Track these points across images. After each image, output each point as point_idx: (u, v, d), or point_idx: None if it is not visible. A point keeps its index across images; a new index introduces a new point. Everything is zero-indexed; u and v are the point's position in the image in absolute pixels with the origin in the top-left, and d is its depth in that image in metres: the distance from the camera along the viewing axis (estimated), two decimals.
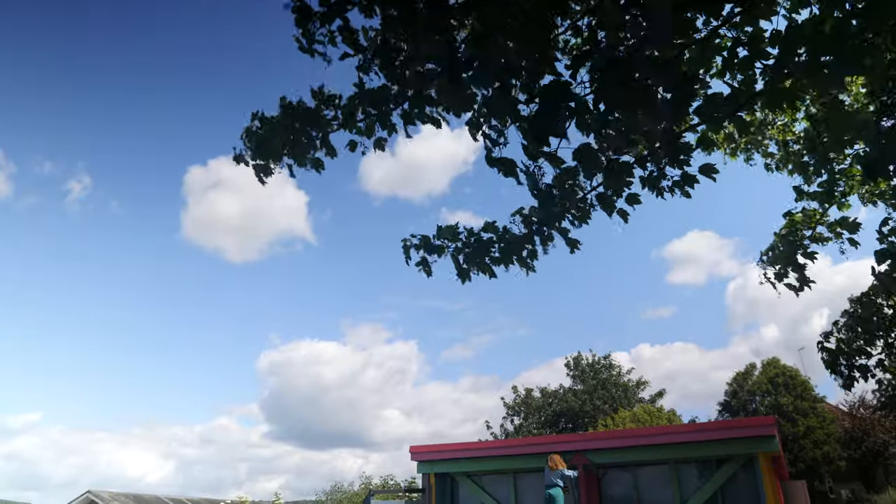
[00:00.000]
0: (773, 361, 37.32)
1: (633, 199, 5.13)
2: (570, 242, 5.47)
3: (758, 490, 11.25)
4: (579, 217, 5.28)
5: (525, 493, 13.21)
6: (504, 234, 5.45)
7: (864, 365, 10.33)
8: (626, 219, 5.27)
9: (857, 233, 8.32)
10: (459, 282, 5.45)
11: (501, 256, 5.45)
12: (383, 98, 4.27)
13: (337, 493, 17.72)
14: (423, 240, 5.46)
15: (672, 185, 5.13)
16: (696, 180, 5.04)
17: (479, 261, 5.45)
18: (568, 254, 5.49)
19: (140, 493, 26.58)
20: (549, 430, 36.47)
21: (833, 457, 34.07)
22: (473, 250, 5.43)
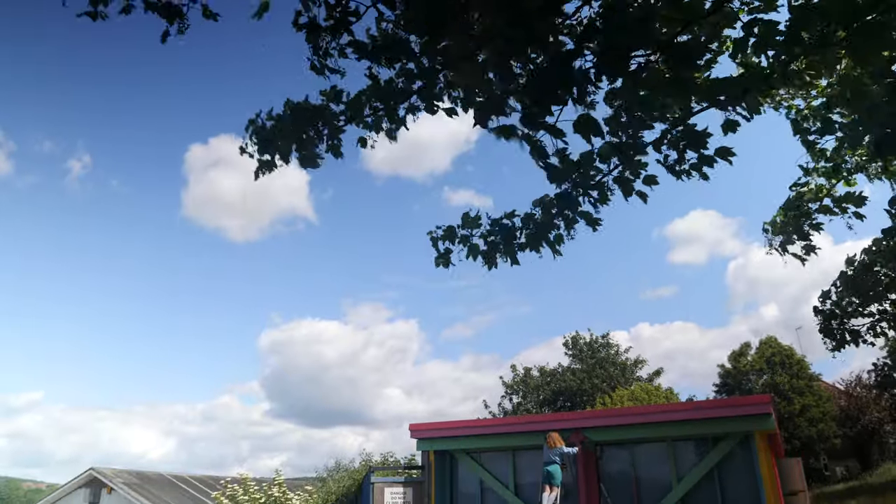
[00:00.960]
0: (769, 341, 37.56)
1: (650, 180, 5.19)
2: (592, 221, 5.52)
3: (753, 467, 11.40)
4: (599, 199, 5.33)
5: (524, 471, 13.37)
6: (528, 219, 5.50)
7: (856, 330, 10.45)
8: (645, 199, 5.32)
9: (862, 207, 8.35)
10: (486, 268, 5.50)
11: (528, 241, 5.50)
12: (391, 92, 4.27)
13: (338, 471, 17.93)
14: (447, 230, 5.49)
15: (690, 167, 5.16)
16: (714, 161, 5.07)
17: (507, 247, 5.50)
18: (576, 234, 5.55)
19: (143, 471, 26.88)
20: (547, 408, 36.79)
21: (828, 434, 34.46)
22: (502, 236, 5.48)
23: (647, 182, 5.18)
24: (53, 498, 25.44)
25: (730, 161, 4.98)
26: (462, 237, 5.50)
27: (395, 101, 4.36)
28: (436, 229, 5.48)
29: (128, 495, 22.89)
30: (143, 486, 23.98)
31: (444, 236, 5.49)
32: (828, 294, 10.87)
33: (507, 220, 5.55)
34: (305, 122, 4.37)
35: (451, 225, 5.49)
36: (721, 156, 5.00)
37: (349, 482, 15.36)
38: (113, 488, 23.60)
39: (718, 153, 4.99)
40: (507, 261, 5.55)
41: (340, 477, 16.78)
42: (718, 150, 4.97)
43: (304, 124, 4.37)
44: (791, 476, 13.24)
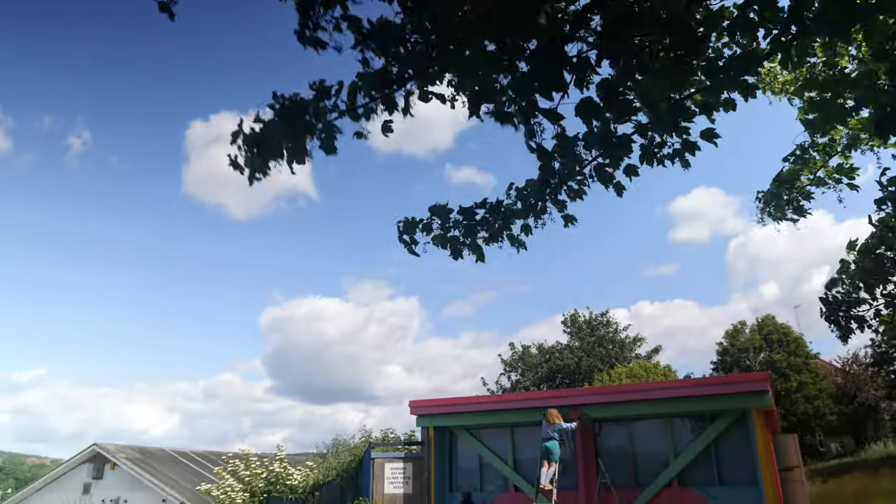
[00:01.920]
0: (766, 319, 37.74)
1: (631, 170, 5.13)
2: (566, 218, 5.51)
3: (750, 443, 11.52)
4: (576, 192, 5.29)
5: (522, 447, 13.51)
6: (497, 207, 5.46)
7: (861, 315, 10.49)
8: (620, 193, 5.28)
9: (854, 178, 8.36)
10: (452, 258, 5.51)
11: (491, 236, 5.49)
12: (386, 80, 4.17)
13: (338, 446, 18.11)
14: (408, 223, 5.48)
15: (672, 153, 5.09)
16: (696, 147, 5.00)
17: (470, 241, 5.49)
18: (569, 209, 5.53)
19: (145, 446, 27.14)
20: (545, 385, 37.04)
21: (824, 411, 34.79)
22: (464, 230, 5.46)
23: (628, 173, 5.14)
24: (57, 473, 25.72)
25: (715, 143, 4.90)
26: (425, 226, 5.47)
27: (390, 88, 4.26)
28: (403, 219, 5.50)
29: (131, 470, 23.15)
30: (145, 462, 24.24)
31: (405, 229, 5.48)
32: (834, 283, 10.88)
33: (477, 209, 5.51)
34: (296, 120, 4.24)
35: (413, 218, 5.51)
36: (706, 138, 4.90)
37: (349, 458, 15.52)
38: (116, 463, 23.85)
39: (703, 135, 4.88)
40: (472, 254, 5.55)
41: (341, 452, 16.95)
42: (703, 132, 4.84)
43: (294, 123, 4.24)
44: (787, 452, 13.38)
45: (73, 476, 25.21)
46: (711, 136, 4.87)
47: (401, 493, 13.94)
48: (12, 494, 28.98)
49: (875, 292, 10.56)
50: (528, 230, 5.53)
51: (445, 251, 5.46)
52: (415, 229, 5.44)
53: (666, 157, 5.08)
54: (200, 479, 22.03)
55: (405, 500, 13.88)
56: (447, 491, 13.91)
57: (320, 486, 15.21)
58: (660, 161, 5.08)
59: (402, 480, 14.04)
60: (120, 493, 23.58)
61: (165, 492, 21.64)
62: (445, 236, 5.45)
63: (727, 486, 11.63)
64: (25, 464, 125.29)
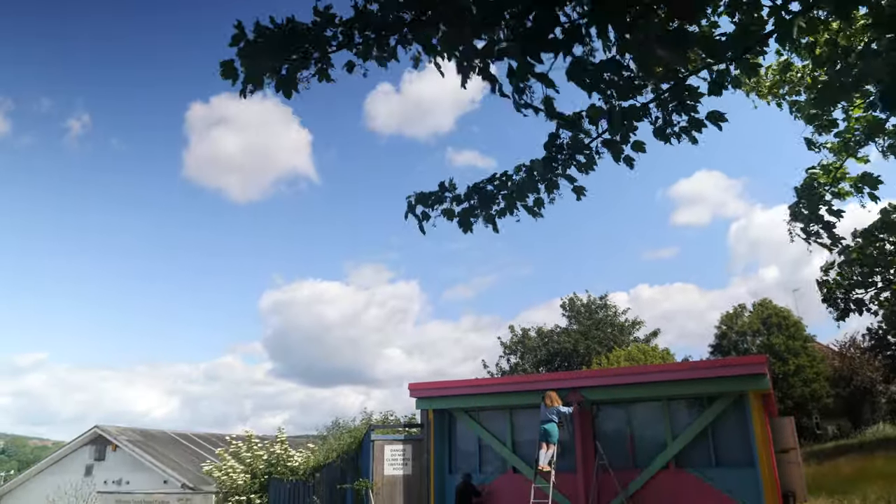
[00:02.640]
0: (764, 302, 37.85)
1: (638, 146, 5.12)
2: (576, 190, 5.48)
3: (747, 426, 11.61)
4: (585, 165, 5.27)
5: (521, 429, 13.60)
6: (507, 180, 5.45)
7: (860, 299, 10.52)
8: (631, 165, 5.26)
9: (877, 188, 8.32)
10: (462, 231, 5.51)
11: (507, 207, 5.48)
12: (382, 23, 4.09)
13: (339, 429, 18.24)
14: (420, 195, 5.47)
15: (679, 130, 5.08)
16: (703, 125, 4.99)
17: (485, 213, 5.48)
18: (570, 193, 5.53)
19: (147, 429, 27.33)
20: (544, 368, 37.24)
21: (821, 394, 35.02)
22: (479, 200, 5.45)
23: (636, 148, 5.11)
24: (59, 455, 25.93)
25: (719, 126, 4.91)
26: (437, 198, 5.47)
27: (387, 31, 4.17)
28: (414, 193, 5.49)
29: (132, 452, 23.34)
30: (147, 444, 24.42)
31: (418, 201, 5.46)
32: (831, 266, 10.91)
33: (488, 184, 5.51)
34: (295, 41, 4.12)
35: (425, 192, 5.50)
36: (712, 120, 4.91)
37: (350, 440, 15.63)
38: (118, 445, 24.04)
39: (710, 117, 4.90)
40: (488, 226, 5.55)
41: (341, 435, 17.08)
42: (710, 114, 4.87)
43: (293, 44, 4.12)
44: (783, 434, 13.49)
45: (75, 458, 25.42)
46: (718, 119, 4.87)
47: (400, 475, 14.07)
48: (15, 476, 29.23)
49: (876, 277, 10.58)
50: (541, 203, 5.54)
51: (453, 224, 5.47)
52: (428, 201, 5.43)
53: (673, 134, 5.07)
54: (201, 460, 22.21)
55: (405, 481, 14.01)
56: (447, 472, 14.03)
57: (321, 467, 15.34)
58: (667, 138, 5.07)
59: (402, 462, 14.16)
60: (122, 474, 23.79)
61: (167, 473, 21.83)
62: (454, 210, 5.43)
63: (724, 468, 11.74)
64: (28, 446, 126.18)
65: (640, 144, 5.09)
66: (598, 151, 5.19)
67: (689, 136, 5.09)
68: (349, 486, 14.35)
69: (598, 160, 5.25)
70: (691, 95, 4.67)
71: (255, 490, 16.31)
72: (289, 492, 15.48)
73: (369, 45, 4.21)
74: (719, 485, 11.60)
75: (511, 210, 5.49)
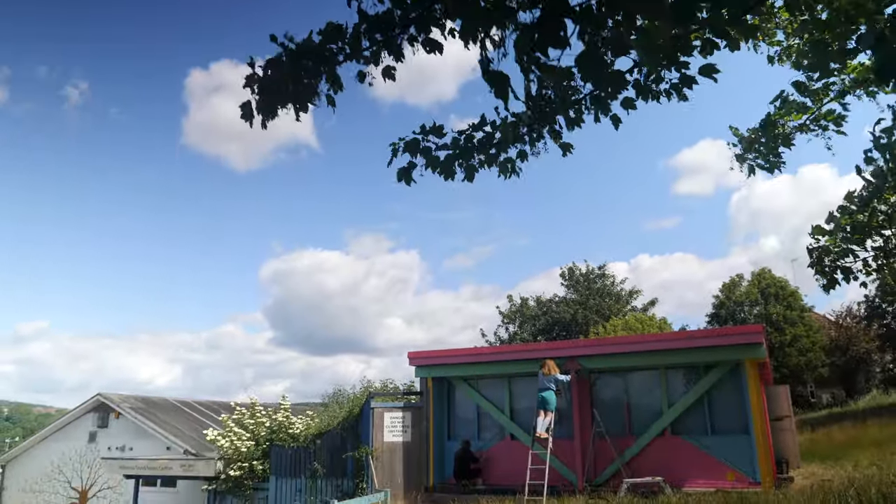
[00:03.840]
0: (763, 272, 37.95)
1: (628, 103, 4.96)
2: (563, 146, 5.35)
3: (742, 394, 11.75)
4: (573, 120, 5.15)
5: (519, 397, 13.77)
6: (493, 131, 5.29)
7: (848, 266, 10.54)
8: (617, 125, 5.16)
9: (842, 125, 8.26)
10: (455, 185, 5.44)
11: (487, 159, 5.34)
12: (389, 23, 4.07)
13: (339, 397, 18.43)
14: (410, 142, 5.22)
15: (670, 87, 4.97)
16: (694, 81, 4.88)
17: (466, 162, 5.33)
18: (571, 162, 5.45)
19: (149, 396, 27.61)
20: (542, 337, 37.50)
21: (816, 364, 35.36)
22: (461, 150, 5.30)
23: (625, 105, 4.95)
24: (63, 422, 26.23)
25: (714, 79, 4.78)
26: (424, 149, 5.26)
27: (393, 31, 4.16)
28: (398, 141, 5.28)
29: (135, 419, 23.61)
30: (149, 411, 24.69)
31: (407, 148, 5.26)
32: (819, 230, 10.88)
33: (475, 131, 5.35)
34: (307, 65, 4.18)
35: (416, 137, 5.27)
36: (705, 74, 4.75)
37: (350, 407, 15.82)
38: (121, 413, 24.31)
39: (702, 71, 4.71)
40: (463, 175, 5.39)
41: (341, 402, 17.27)
42: (702, 68, 4.69)
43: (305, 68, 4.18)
44: (778, 402, 13.67)
45: (78, 425, 25.73)
46: (711, 72, 4.73)
47: (400, 441, 14.27)
48: (20, 443, 29.63)
49: (865, 244, 10.59)
50: (524, 156, 5.43)
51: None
52: (417, 149, 5.29)
53: (663, 92, 4.96)
54: (203, 427, 22.48)
55: (404, 447, 14.23)
56: (445, 439, 14.24)
57: (321, 434, 15.55)
58: (655, 96, 4.97)
59: (402, 429, 14.36)
60: (125, 440, 24.11)
61: (169, 440, 22.11)
62: (438, 159, 5.27)
63: (719, 435, 11.92)
64: (31, 413, 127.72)
65: (631, 101, 4.94)
66: (587, 107, 5.06)
67: (679, 94, 4.98)
68: (350, 453, 14.57)
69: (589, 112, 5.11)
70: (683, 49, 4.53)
71: (258, 457, 16.57)
72: (290, 458, 15.73)
73: (378, 50, 4.21)
74: (714, 452, 11.78)
75: (493, 162, 5.37)
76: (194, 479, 18.46)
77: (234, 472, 16.61)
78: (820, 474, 12.97)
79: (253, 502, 16.80)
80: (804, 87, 8.27)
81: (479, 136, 5.33)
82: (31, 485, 25.85)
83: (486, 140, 5.29)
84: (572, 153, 5.41)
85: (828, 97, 8.25)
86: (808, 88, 8.29)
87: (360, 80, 4.44)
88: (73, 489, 24.84)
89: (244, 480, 16.68)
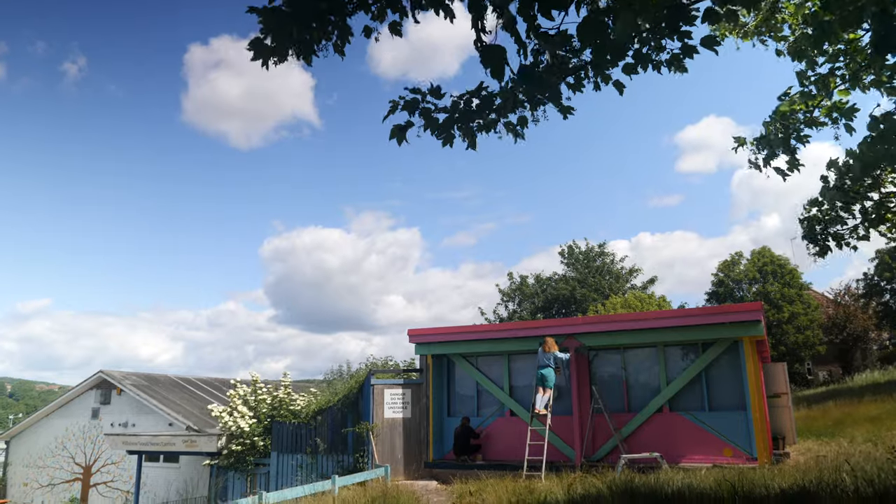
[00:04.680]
0: (762, 250, 37.99)
1: (630, 69, 4.90)
2: (563, 109, 5.27)
3: (740, 371, 11.82)
4: (574, 86, 5.09)
5: (518, 373, 13.86)
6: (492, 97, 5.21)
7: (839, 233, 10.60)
8: (621, 91, 5.11)
9: (853, 118, 8.21)
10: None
11: (485, 124, 5.26)
12: None
13: (341, 374, 18.58)
14: (411, 100, 5.07)
15: (671, 58, 4.91)
16: (695, 51, 4.83)
17: (465, 126, 5.24)
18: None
19: (151, 373, 27.80)
20: (541, 315, 37.65)
21: (814, 341, 35.55)
22: (461, 114, 5.20)
23: (626, 71, 4.90)
24: (66, 398, 26.44)
25: (715, 51, 4.73)
26: (423, 110, 5.13)
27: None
28: (399, 98, 5.13)
29: (137, 396, 23.80)
30: (150, 388, 24.88)
31: (406, 106, 5.10)
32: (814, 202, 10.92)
33: (474, 97, 5.27)
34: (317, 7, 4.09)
35: (416, 96, 5.11)
36: (706, 45, 4.69)
37: (351, 383, 15.94)
38: (122, 389, 24.50)
39: (704, 43, 4.69)
40: (465, 141, 5.31)
41: (342, 380, 17.39)
42: (704, 38, 4.67)
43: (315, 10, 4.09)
44: (776, 379, 13.79)
45: (81, 401, 25.95)
46: (711, 44, 4.69)
47: (400, 418, 14.41)
48: (23, 419, 29.89)
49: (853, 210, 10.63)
50: (525, 122, 5.35)
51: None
52: (414, 109, 5.18)
53: (663, 62, 4.90)
54: (205, 404, 22.68)
55: (404, 424, 14.36)
56: (445, 416, 14.37)
57: (322, 410, 15.68)
58: (656, 66, 4.92)
59: (402, 405, 14.48)
60: (127, 417, 24.33)
61: (171, 416, 22.31)
62: (437, 121, 5.16)
63: (716, 412, 12.02)
64: (34, 390, 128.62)
65: (633, 67, 4.87)
66: (587, 75, 5.01)
67: (678, 65, 4.91)
68: (350, 429, 14.71)
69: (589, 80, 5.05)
70: (685, 18, 4.47)
71: (259, 433, 16.73)
72: (291, 434, 15.88)
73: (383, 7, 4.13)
74: (711, 428, 11.90)
75: (493, 127, 5.28)
76: (196, 454, 18.67)
77: (236, 447, 16.80)
78: (815, 450, 13.12)
79: (254, 477, 17.02)
80: (807, 75, 8.21)
81: (477, 101, 5.23)
82: (35, 460, 26.16)
83: (485, 104, 5.19)
84: (573, 115, 5.31)
85: (834, 86, 8.17)
86: (810, 78, 8.23)
87: (367, 35, 4.37)
88: (76, 465, 25.13)
89: (246, 456, 16.88)
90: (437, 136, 5.17)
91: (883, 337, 40.51)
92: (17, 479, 26.47)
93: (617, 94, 5.15)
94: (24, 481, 26.17)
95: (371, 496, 8.36)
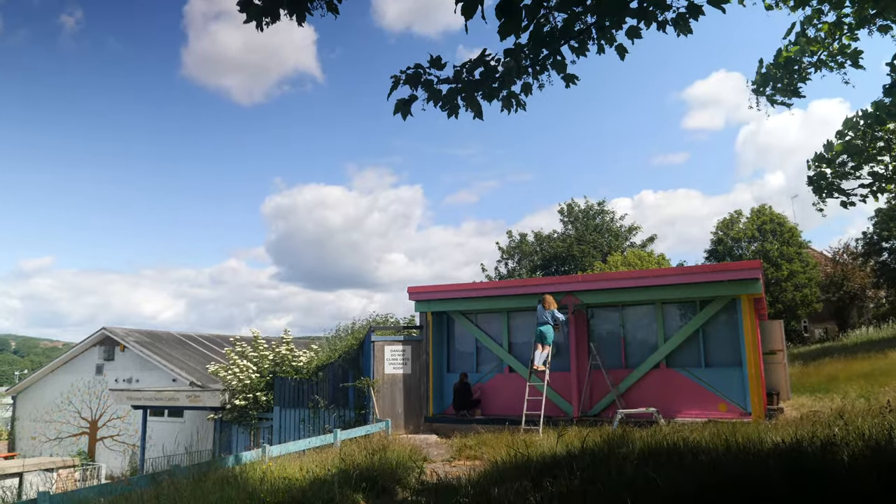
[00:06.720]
0: (762, 209, 37.90)
1: (633, 32, 4.80)
2: (567, 77, 5.18)
3: (737, 328, 11.94)
4: (577, 49, 4.99)
5: (517, 330, 14.00)
6: (495, 66, 5.12)
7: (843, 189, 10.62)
8: (622, 55, 5.02)
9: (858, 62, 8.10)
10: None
11: (489, 93, 5.16)
12: None
13: (341, 331, 18.71)
14: (413, 74, 4.96)
15: (676, 17, 4.80)
16: (701, 12, 4.72)
17: (469, 97, 5.16)
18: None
19: (153, 330, 28.07)
20: (540, 273, 37.78)
21: (811, 299, 35.78)
22: (464, 84, 5.12)
23: (630, 35, 4.80)
24: (70, 355, 26.77)
25: (722, 9, 4.61)
26: (425, 82, 5.01)
27: None
28: (400, 73, 5.00)
29: (140, 352, 24.09)
30: (153, 345, 25.16)
31: (408, 80, 4.99)
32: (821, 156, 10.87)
33: (475, 67, 5.17)
34: None
35: (419, 69, 5.00)
36: (713, 3, 4.59)
37: (351, 340, 16.11)
38: (126, 346, 24.78)
39: (710, 0, 4.59)
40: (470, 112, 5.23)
41: (344, 337, 17.56)
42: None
43: None
44: (772, 337, 13.93)
45: (85, 358, 26.27)
46: (719, 1, 4.59)
47: (400, 374, 14.61)
48: (29, 375, 30.31)
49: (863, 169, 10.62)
50: (528, 89, 5.26)
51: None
52: (417, 82, 5.10)
53: (669, 21, 4.80)
54: (207, 360, 22.96)
55: (404, 379, 14.58)
56: (445, 372, 14.57)
57: (324, 366, 15.89)
58: (661, 26, 4.82)
59: (402, 362, 14.67)
60: (131, 373, 24.67)
61: (174, 372, 22.62)
62: (440, 93, 5.07)
63: (713, 368, 12.19)
64: (39, 346, 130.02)
65: (636, 30, 4.76)
66: (591, 37, 4.91)
67: (684, 26, 4.80)
68: (351, 384, 14.93)
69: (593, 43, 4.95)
70: None
71: (262, 388, 16.98)
72: (293, 389, 16.13)
73: None
74: (707, 384, 12.08)
75: (496, 95, 5.21)
76: (200, 409, 18.99)
77: (240, 402, 17.08)
78: (809, 405, 13.35)
79: (258, 432, 17.35)
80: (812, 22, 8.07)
81: (481, 69, 5.14)
82: (42, 415, 26.63)
83: (489, 73, 5.10)
84: (576, 84, 5.24)
85: (841, 33, 8.03)
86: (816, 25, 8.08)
87: None
88: (83, 419, 25.60)
89: (249, 410, 17.17)
90: (441, 107, 5.08)
91: (880, 295, 40.77)
92: (25, 433, 27.01)
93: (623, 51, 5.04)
94: (31, 435, 26.71)
95: (372, 449, 8.55)
